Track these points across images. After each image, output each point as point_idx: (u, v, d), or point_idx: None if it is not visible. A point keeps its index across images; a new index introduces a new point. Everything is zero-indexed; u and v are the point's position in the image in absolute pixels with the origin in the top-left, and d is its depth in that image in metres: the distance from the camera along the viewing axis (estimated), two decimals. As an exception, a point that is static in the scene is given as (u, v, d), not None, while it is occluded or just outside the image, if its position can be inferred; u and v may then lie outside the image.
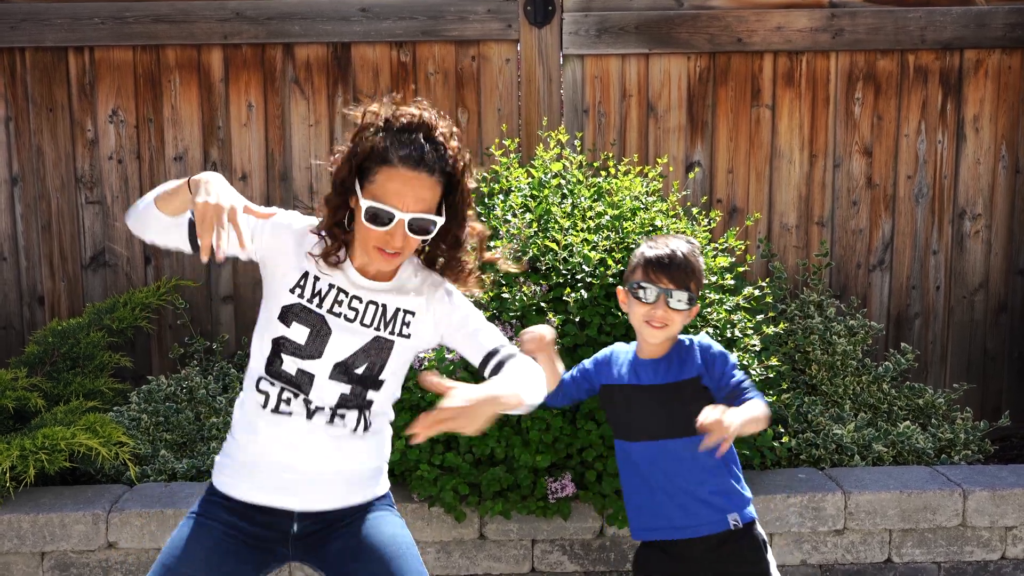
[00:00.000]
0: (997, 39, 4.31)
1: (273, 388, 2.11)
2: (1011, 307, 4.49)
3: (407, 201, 2.02)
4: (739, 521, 2.35)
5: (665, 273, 2.35)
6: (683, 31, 4.27)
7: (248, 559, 2.12)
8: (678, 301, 2.35)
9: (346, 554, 2.14)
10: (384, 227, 2.03)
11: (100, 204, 4.34)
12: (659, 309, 2.35)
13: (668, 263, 2.35)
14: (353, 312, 2.12)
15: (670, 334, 2.39)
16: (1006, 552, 3.46)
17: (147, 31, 4.20)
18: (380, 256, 2.07)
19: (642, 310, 2.37)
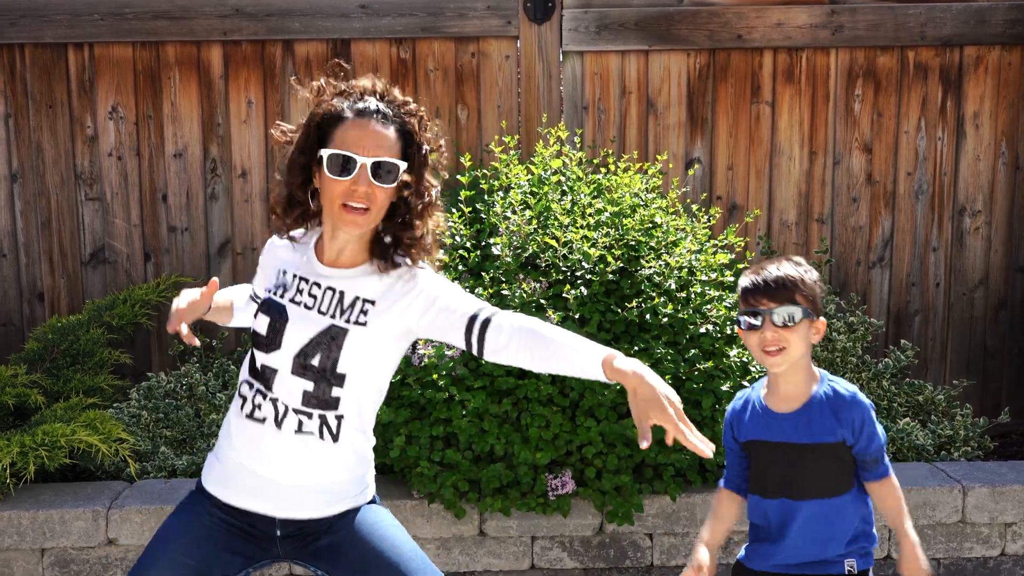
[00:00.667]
0: (997, 35, 4.31)
1: (250, 391, 2.11)
2: (1011, 304, 4.49)
3: (367, 146, 2.02)
4: (855, 568, 2.26)
5: (764, 295, 2.23)
6: (683, 27, 4.27)
7: (238, 549, 2.12)
8: (784, 317, 2.20)
9: (338, 547, 2.14)
10: (347, 175, 2.01)
11: (100, 201, 4.33)
12: (767, 331, 2.21)
13: (763, 284, 2.24)
14: (312, 299, 2.10)
15: (791, 358, 2.22)
16: (1006, 548, 3.47)
17: (147, 27, 4.20)
18: (347, 217, 2.03)
19: (754, 339, 2.24)
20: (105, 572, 3.34)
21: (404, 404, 3.24)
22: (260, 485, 2.11)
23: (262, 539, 2.14)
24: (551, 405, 3.20)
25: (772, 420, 2.27)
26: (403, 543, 2.16)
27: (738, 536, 3.42)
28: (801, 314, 2.21)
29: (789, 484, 2.25)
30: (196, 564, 2.07)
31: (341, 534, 2.15)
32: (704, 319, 3.29)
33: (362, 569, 2.13)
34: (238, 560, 2.12)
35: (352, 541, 2.14)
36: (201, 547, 2.09)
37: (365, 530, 2.16)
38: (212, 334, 4.36)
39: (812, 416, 2.24)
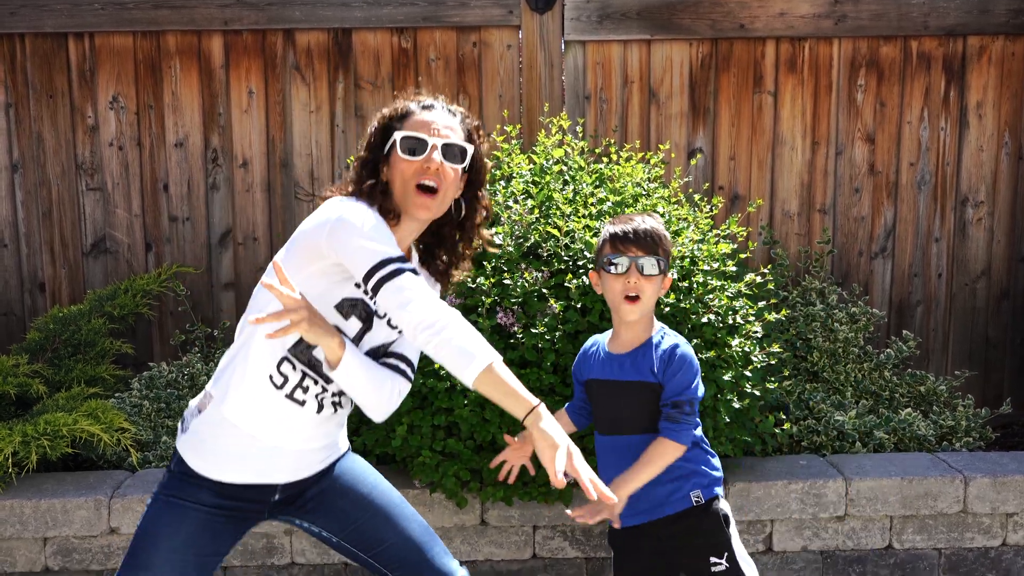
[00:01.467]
0: (1000, 25, 4.29)
1: (294, 373, 2.11)
2: (1013, 294, 4.48)
3: (437, 128, 2.14)
4: (701, 498, 2.44)
5: (632, 243, 2.41)
6: (685, 17, 4.25)
7: (226, 531, 2.18)
8: (651, 267, 2.40)
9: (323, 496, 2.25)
10: (419, 156, 2.10)
11: (101, 191, 4.33)
12: (632, 277, 2.40)
13: (634, 234, 2.41)
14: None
15: (644, 308, 2.43)
16: (1007, 538, 3.47)
17: (147, 17, 4.19)
18: (419, 199, 2.10)
19: (618, 284, 2.41)
20: (107, 561, 3.34)
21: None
22: (268, 458, 2.15)
23: (252, 511, 2.20)
24: (553, 395, 3.19)
25: (609, 360, 2.49)
26: (389, 490, 2.31)
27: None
28: (662, 267, 2.41)
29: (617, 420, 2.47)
30: (193, 559, 2.12)
31: (327, 483, 2.27)
32: (706, 308, 3.28)
33: (351, 516, 2.24)
34: (227, 539, 2.19)
35: (340, 489, 2.27)
36: (195, 542, 2.12)
37: (352, 479, 2.29)
38: (213, 324, 4.36)
39: (638, 356, 2.44)
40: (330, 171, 4.33)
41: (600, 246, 2.50)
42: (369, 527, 2.25)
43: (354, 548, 2.27)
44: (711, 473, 2.48)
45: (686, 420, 2.39)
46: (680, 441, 2.38)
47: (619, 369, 2.47)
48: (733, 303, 3.34)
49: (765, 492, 3.36)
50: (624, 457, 2.43)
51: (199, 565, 2.13)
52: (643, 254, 2.40)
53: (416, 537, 2.27)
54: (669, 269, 2.48)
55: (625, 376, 2.45)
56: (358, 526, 2.25)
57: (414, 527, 2.28)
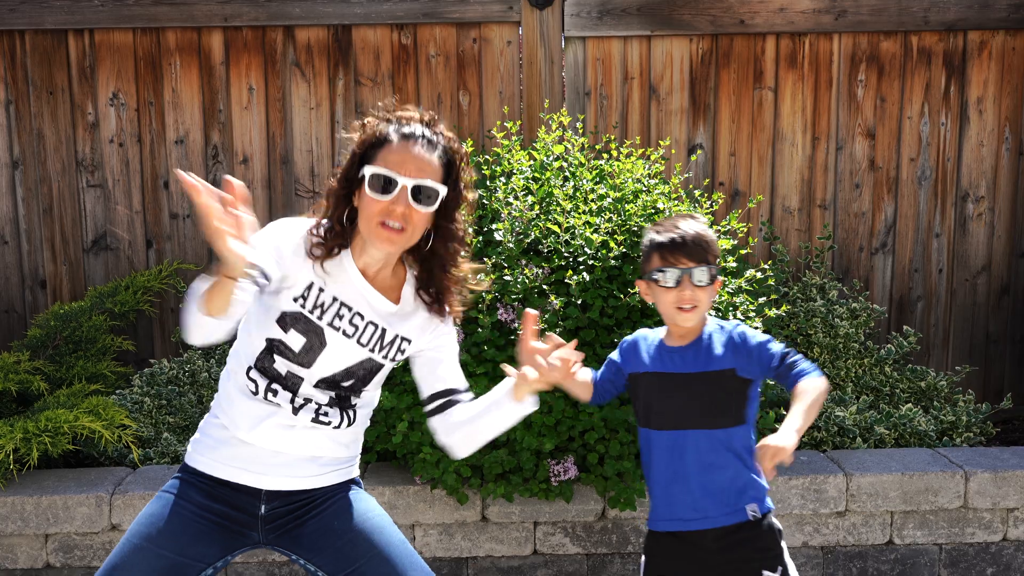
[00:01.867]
0: (1001, 20, 4.29)
1: (262, 380, 2.11)
2: (1013, 290, 4.48)
3: (409, 169, 2.04)
4: (757, 512, 2.31)
5: (681, 252, 2.30)
6: (685, 13, 4.25)
7: (216, 540, 2.11)
8: (700, 278, 2.30)
9: (323, 534, 2.13)
10: (387, 195, 2.02)
11: (101, 188, 4.33)
12: (686, 290, 2.29)
13: (681, 242, 2.30)
14: (352, 328, 2.12)
15: (700, 315, 2.34)
16: (1008, 534, 3.47)
17: (147, 13, 4.19)
18: (383, 234, 2.04)
19: (669, 296, 2.31)
20: (109, 558, 3.35)
21: (407, 390, 3.25)
22: (253, 457, 2.11)
23: (242, 523, 2.13)
24: (553, 392, 3.20)
25: (667, 352, 2.38)
26: (393, 535, 2.16)
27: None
28: (712, 275, 2.32)
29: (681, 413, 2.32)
30: (171, 556, 2.06)
31: (328, 519, 2.14)
32: (706, 305, 3.28)
33: (349, 559, 2.11)
34: (215, 550, 2.11)
35: (340, 529, 2.14)
36: (177, 538, 2.08)
37: (354, 520, 2.15)
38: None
39: (701, 345, 2.35)
40: (330, 168, 4.33)
41: (646, 255, 2.37)
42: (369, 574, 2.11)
43: None
44: (763, 484, 2.35)
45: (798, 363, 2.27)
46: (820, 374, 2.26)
47: (681, 360, 2.35)
48: (734, 299, 3.34)
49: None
50: (686, 453, 2.30)
51: (175, 563, 2.05)
52: (694, 264, 2.30)
53: None
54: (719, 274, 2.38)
55: (691, 367, 2.33)
56: (358, 570, 2.11)
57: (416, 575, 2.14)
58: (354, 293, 2.12)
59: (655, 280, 2.32)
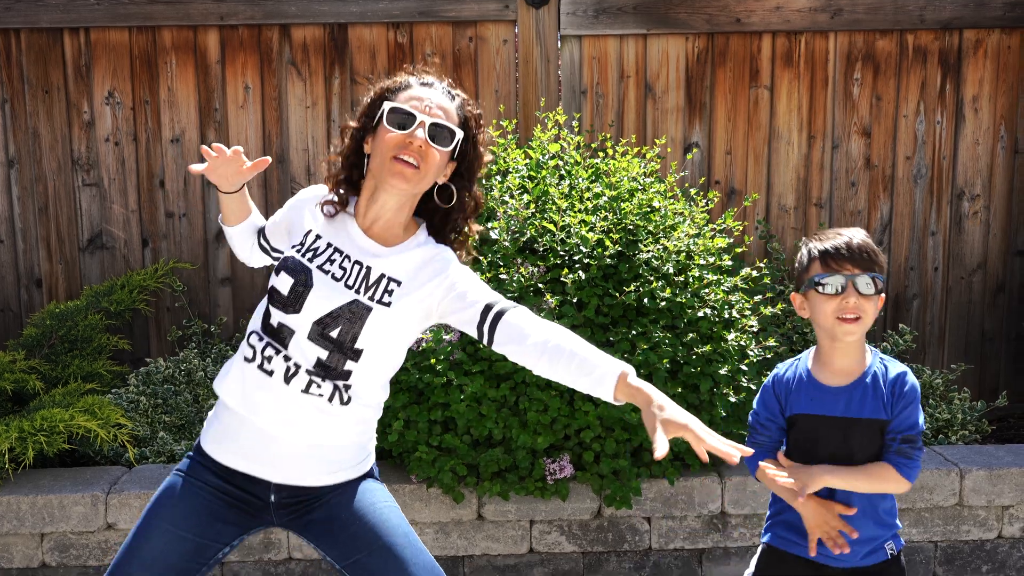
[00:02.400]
0: (996, 19, 4.29)
1: (260, 343, 2.10)
2: (1009, 288, 4.49)
3: (430, 108, 2.08)
4: (894, 549, 2.23)
5: (849, 260, 2.13)
6: (681, 11, 4.25)
7: (232, 520, 2.12)
8: (867, 285, 2.12)
9: (330, 523, 2.14)
10: (404, 129, 2.05)
11: (97, 186, 4.33)
12: (850, 297, 2.11)
13: (848, 249, 2.13)
14: (341, 271, 2.10)
15: (865, 327, 2.14)
16: (1003, 531, 3.48)
17: (143, 12, 4.19)
18: (396, 167, 2.05)
19: (831, 305, 2.12)
20: (105, 557, 3.35)
21: (402, 388, 3.25)
22: (256, 443, 2.09)
23: (256, 507, 2.14)
24: (549, 389, 3.20)
25: (822, 393, 2.18)
26: (396, 527, 2.14)
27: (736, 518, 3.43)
28: (880, 283, 2.14)
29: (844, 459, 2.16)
30: (191, 536, 2.08)
31: (336, 509, 2.14)
32: (702, 303, 3.29)
33: (353, 550, 2.13)
34: (231, 529, 2.13)
35: (346, 519, 2.14)
36: (196, 518, 2.09)
37: (360, 510, 2.15)
38: (210, 320, 4.36)
39: (866, 390, 2.16)
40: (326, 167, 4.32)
41: (806, 265, 2.20)
42: (372, 565, 2.12)
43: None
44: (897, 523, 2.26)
45: (918, 457, 2.13)
46: (910, 479, 2.13)
47: (843, 405, 2.16)
48: (729, 297, 3.35)
49: (761, 486, 3.36)
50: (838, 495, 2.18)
51: (198, 545, 2.07)
52: (860, 271, 2.12)
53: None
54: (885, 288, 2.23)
55: (851, 413, 2.15)
56: (357, 561, 2.13)
57: (418, 571, 2.12)
58: (347, 239, 2.14)
59: (815, 286, 2.15)
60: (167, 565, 2.07)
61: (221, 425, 2.15)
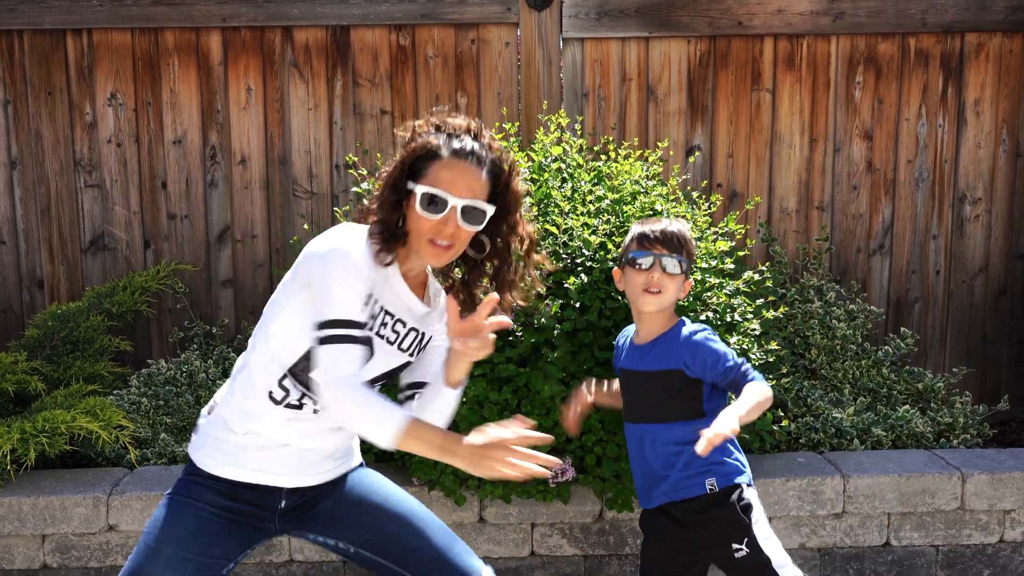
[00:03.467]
0: (998, 22, 4.29)
1: (295, 391, 2.12)
2: (1011, 292, 4.49)
3: (459, 189, 2.08)
4: (715, 486, 2.49)
5: (659, 242, 2.53)
6: (683, 14, 4.25)
7: (235, 537, 2.14)
8: (673, 266, 2.51)
9: (338, 508, 2.24)
10: (438, 214, 2.07)
11: (99, 188, 4.33)
12: (655, 273, 2.51)
13: (661, 234, 2.53)
14: (395, 335, 2.17)
15: (663, 303, 2.53)
16: (1004, 535, 3.47)
17: (145, 14, 4.19)
18: (432, 250, 2.10)
19: (640, 278, 2.52)
20: (106, 558, 3.35)
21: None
22: (277, 457, 2.15)
23: (260, 518, 2.17)
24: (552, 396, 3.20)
25: (634, 351, 2.61)
26: (404, 497, 2.30)
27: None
28: (684, 266, 2.53)
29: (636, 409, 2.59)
30: (195, 558, 2.09)
31: (339, 494, 2.26)
32: (704, 306, 3.29)
33: (367, 524, 2.23)
34: (235, 547, 2.15)
35: (353, 499, 2.25)
36: (197, 541, 2.10)
37: (364, 488, 2.29)
38: (212, 321, 4.36)
39: (659, 345, 2.55)
40: (328, 169, 4.33)
41: (627, 245, 2.61)
42: (386, 533, 2.22)
43: (374, 555, 2.22)
44: (729, 462, 2.53)
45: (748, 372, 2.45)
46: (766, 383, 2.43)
47: (641, 358, 2.57)
48: (731, 301, 3.35)
49: (763, 489, 3.36)
50: (647, 445, 2.56)
51: (201, 565, 2.09)
52: (667, 253, 2.52)
53: (436, 539, 2.23)
54: (691, 273, 2.60)
55: (647, 366, 2.56)
56: (375, 533, 2.22)
57: (433, 529, 2.24)
58: (396, 301, 2.16)
59: (630, 264, 2.54)
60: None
61: (227, 445, 2.15)
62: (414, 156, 2.12)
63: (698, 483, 2.50)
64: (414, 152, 2.12)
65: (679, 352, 2.51)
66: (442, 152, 2.10)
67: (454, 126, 2.13)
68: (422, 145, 2.12)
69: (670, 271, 2.52)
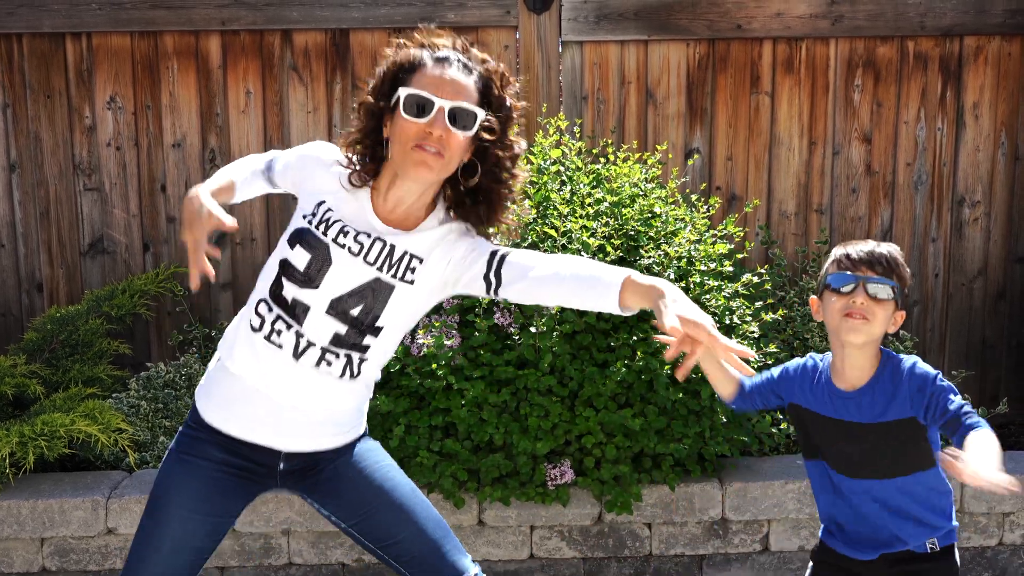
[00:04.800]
0: (997, 25, 4.30)
1: (269, 314, 2.07)
2: (1010, 295, 4.49)
3: (446, 91, 1.97)
4: (936, 545, 2.19)
5: (864, 263, 2.11)
6: (682, 17, 4.26)
7: (239, 491, 2.14)
8: (880, 289, 2.09)
9: (337, 482, 2.18)
10: (424, 117, 1.96)
11: (98, 191, 4.33)
12: (858, 297, 2.08)
13: (867, 254, 2.12)
14: (358, 246, 2.05)
15: (872, 334, 2.10)
16: (1004, 538, 3.47)
17: (145, 17, 4.19)
18: (418, 155, 1.97)
19: (839, 303, 2.10)
20: (105, 561, 3.35)
21: (403, 394, 3.25)
22: (263, 413, 2.09)
23: (261, 474, 2.15)
24: (550, 395, 3.20)
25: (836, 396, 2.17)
26: (403, 483, 2.22)
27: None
28: (894, 293, 2.10)
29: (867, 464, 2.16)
30: (205, 517, 2.10)
31: (341, 468, 2.18)
32: (703, 309, 3.29)
33: (361, 506, 2.18)
34: (239, 501, 2.15)
35: (352, 477, 2.19)
36: (208, 498, 2.10)
37: (365, 469, 2.20)
38: (211, 324, 4.36)
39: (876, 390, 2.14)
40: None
41: (826, 268, 2.19)
42: (380, 520, 2.18)
43: (363, 538, 2.21)
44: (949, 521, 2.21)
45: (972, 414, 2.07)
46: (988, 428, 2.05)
47: (856, 410, 2.15)
48: (730, 303, 3.35)
49: (762, 492, 3.36)
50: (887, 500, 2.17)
51: (211, 525, 2.10)
52: (872, 275, 2.10)
53: (429, 533, 2.18)
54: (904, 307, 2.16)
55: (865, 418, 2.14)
56: (369, 517, 2.18)
57: (427, 523, 2.19)
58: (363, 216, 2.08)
59: (828, 286, 2.14)
60: (188, 548, 2.09)
61: (225, 392, 2.12)
62: (396, 69, 2.02)
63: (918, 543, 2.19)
64: (396, 64, 2.03)
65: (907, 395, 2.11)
66: (425, 61, 2.01)
67: (438, 43, 2.05)
68: (404, 56, 2.03)
69: (875, 295, 2.08)
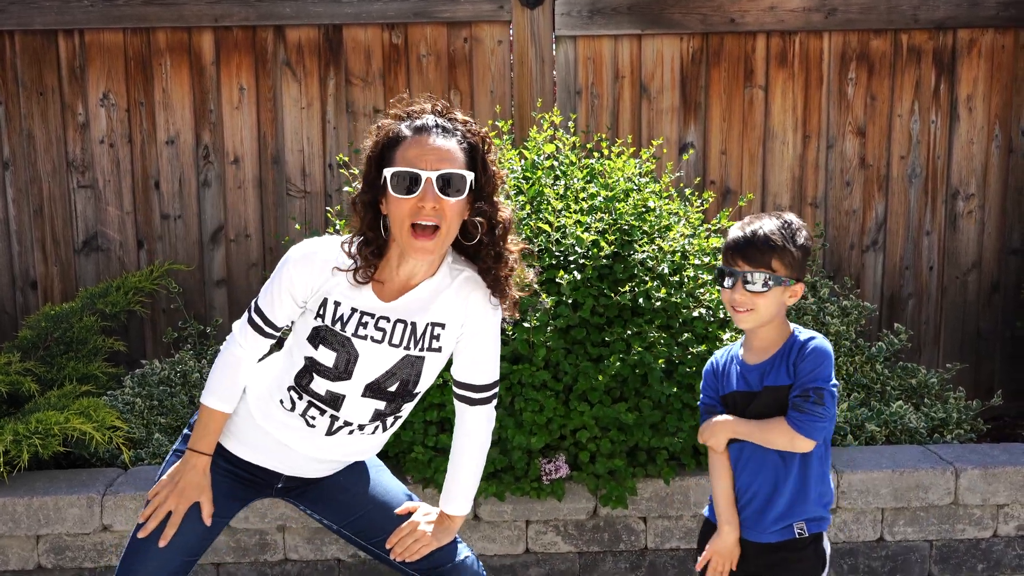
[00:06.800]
0: (990, 18, 4.30)
1: (300, 401, 2.14)
2: (1004, 287, 4.49)
3: (430, 161, 1.95)
4: (805, 531, 2.25)
5: (740, 255, 2.19)
6: (676, 11, 4.25)
7: (238, 495, 2.24)
8: (754, 284, 2.17)
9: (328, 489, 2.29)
10: (413, 193, 1.93)
11: (92, 188, 4.32)
12: (737, 293, 2.19)
13: (744, 244, 2.19)
14: (380, 333, 2.07)
15: (759, 319, 2.20)
16: (998, 530, 3.48)
17: (137, 14, 4.18)
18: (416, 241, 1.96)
19: (726, 296, 2.23)
20: (100, 559, 3.35)
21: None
22: (282, 455, 2.21)
23: (260, 485, 2.26)
24: (545, 390, 3.20)
25: (745, 371, 2.28)
26: (391, 485, 2.33)
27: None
28: (772, 282, 2.17)
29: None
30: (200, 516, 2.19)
31: (332, 478, 2.31)
32: (697, 303, 3.29)
33: (353, 508, 2.27)
34: (238, 504, 2.25)
35: (343, 483, 2.30)
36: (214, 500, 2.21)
37: (355, 474, 2.31)
38: (205, 321, 4.35)
39: (776, 362, 2.23)
40: (322, 167, 4.32)
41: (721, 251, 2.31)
42: (370, 520, 2.28)
43: (356, 537, 2.30)
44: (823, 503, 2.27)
45: (811, 410, 2.15)
46: (803, 433, 2.15)
47: (757, 379, 2.25)
48: (724, 297, 3.34)
49: (757, 485, 3.37)
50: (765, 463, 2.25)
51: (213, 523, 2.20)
52: (751, 268, 2.18)
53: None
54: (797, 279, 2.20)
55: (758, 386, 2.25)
56: (359, 517, 2.28)
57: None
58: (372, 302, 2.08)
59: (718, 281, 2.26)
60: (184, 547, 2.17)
61: (241, 429, 2.22)
62: (380, 148, 2.01)
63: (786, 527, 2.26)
64: (378, 144, 2.02)
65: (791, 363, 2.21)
66: (404, 133, 1.99)
67: (416, 112, 2.03)
68: (384, 133, 2.01)
69: (753, 290, 2.18)
